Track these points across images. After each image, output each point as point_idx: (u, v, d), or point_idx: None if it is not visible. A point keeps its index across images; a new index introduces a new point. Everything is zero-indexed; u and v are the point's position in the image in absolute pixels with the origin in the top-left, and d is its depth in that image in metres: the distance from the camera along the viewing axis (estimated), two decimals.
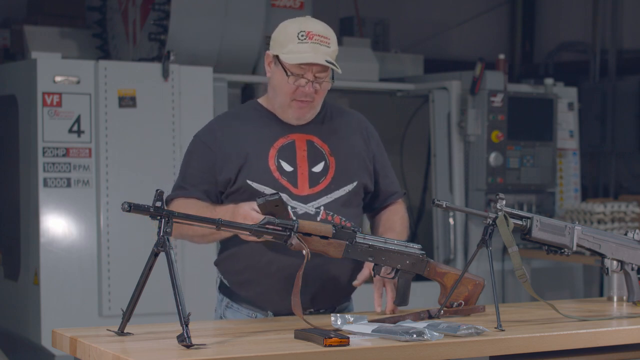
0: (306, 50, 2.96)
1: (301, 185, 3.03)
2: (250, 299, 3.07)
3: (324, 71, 3.00)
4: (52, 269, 5.21)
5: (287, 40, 2.99)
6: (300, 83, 2.99)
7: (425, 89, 6.58)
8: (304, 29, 2.98)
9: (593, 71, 9.32)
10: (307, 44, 2.96)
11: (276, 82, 3.05)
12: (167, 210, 2.52)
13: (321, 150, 3.10)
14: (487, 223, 2.88)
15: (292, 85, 3.00)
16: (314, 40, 2.97)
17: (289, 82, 3.00)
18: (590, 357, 2.84)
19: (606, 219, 6.30)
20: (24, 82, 5.39)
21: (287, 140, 3.08)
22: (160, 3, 5.77)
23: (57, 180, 5.23)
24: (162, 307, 4.34)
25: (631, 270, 3.25)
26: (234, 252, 3.07)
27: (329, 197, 3.05)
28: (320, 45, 2.97)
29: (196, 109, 5.52)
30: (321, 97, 3.07)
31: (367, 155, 3.19)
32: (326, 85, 3.04)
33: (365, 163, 3.18)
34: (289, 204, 2.98)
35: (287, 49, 2.98)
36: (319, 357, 2.40)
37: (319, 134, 3.13)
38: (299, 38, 2.97)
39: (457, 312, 2.99)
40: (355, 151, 3.17)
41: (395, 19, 8.51)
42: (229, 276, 3.12)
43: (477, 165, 6.39)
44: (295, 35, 2.98)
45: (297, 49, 2.97)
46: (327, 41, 2.99)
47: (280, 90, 3.04)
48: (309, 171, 3.06)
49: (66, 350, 2.62)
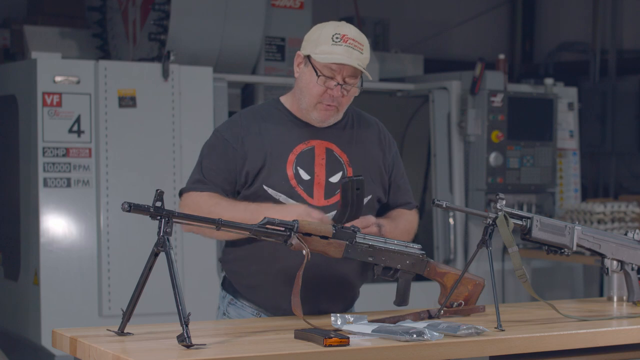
0: (340, 52, 2.94)
1: (317, 196, 3.02)
2: (258, 302, 3.07)
3: (354, 76, 2.98)
4: (52, 269, 5.21)
5: (321, 41, 2.97)
6: (330, 85, 2.97)
7: (425, 89, 6.58)
8: (339, 32, 2.97)
9: (593, 71, 9.32)
10: (341, 47, 2.95)
11: (304, 82, 3.02)
12: (167, 210, 2.52)
13: (340, 160, 3.08)
14: (487, 223, 2.88)
15: (321, 87, 2.98)
16: (349, 44, 2.96)
17: (318, 83, 2.97)
18: (590, 357, 2.84)
19: (606, 219, 6.30)
20: (24, 82, 5.39)
21: (307, 147, 3.05)
22: (160, 3, 5.77)
23: (57, 180, 5.23)
24: (162, 307, 4.34)
25: (631, 270, 3.25)
26: (245, 256, 3.05)
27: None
28: (354, 49, 2.96)
29: (196, 109, 5.52)
30: (347, 103, 3.05)
31: (384, 167, 3.18)
32: (354, 92, 3.02)
33: (382, 175, 3.17)
34: None
35: (320, 49, 2.96)
36: (319, 357, 2.40)
37: (339, 142, 3.10)
38: (334, 40, 2.96)
39: (457, 312, 2.99)
40: (373, 162, 3.15)
41: (395, 19, 8.51)
42: (238, 278, 3.11)
43: (477, 165, 6.38)
44: (330, 37, 2.96)
45: (330, 50, 2.95)
46: (360, 47, 2.98)
47: (307, 91, 3.01)
48: (325, 181, 3.04)
49: (66, 351, 2.62)
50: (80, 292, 5.24)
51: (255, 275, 3.04)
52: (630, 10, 9.38)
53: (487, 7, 9.79)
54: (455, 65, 7.50)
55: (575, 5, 9.79)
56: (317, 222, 2.81)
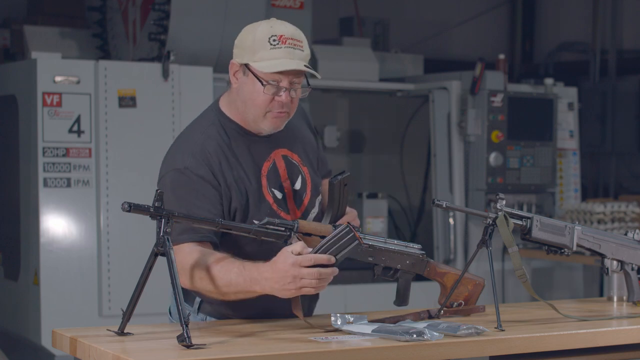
0: (281, 56, 2.76)
1: (291, 209, 2.95)
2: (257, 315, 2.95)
3: (298, 77, 2.81)
4: (52, 269, 5.21)
5: (258, 47, 2.78)
6: (277, 92, 2.79)
7: (425, 89, 6.58)
8: (275, 33, 2.77)
9: (593, 71, 9.32)
10: (281, 49, 2.76)
11: (247, 93, 2.82)
12: (167, 210, 2.52)
13: (295, 163, 3.00)
14: (487, 223, 2.88)
15: (268, 96, 2.79)
16: (288, 45, 2.77)
17: (265, 92, 2.79)
18: (590, 357, 2.84)
19: (606, 219, 6.29)
20: (24, 82, 5.39)
21: (270, 164, 2.93)
22: (160, 3, 5.77)
23: (57, 180, 5.23)
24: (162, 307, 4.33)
25: (631, 270, 3.25)
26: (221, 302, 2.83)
27: (314, 212, 3.01)
28: (295, 49, 2.77)
29: (196, 109, 5.45)
30: (296, 105, 2.89)
31: (315, 144, 3.12)
32: (300, 92, 2.86)
33: (317, 153, 3.11)
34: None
35: (259, 56, 2.77)
36: (319, 357, 2.40)
37: (287, 144, 2.99)
38: (271, 43, 2.76)
39: (457, 312, 2.99)
40: (313, 150, 3.08)
41: (395, 19, 8.50)
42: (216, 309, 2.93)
43: (477, 165, 6.38)
44: (266, 40, 2.76)
45: (270, 55, 2.76)
46: (300, 44, 2.79)
47: (252, 102, 2.82)
48: (292, 190, 2.96)
49: (66, 351, 2.62)
50: (80, 292, 5.24)
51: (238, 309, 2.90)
52: (630, 10, 9.38)
53: (487, 7, 9.79)
54: (455, 65, 7.50)
55: (575, 5, 9.79)
56: (317, 223, 2.81)
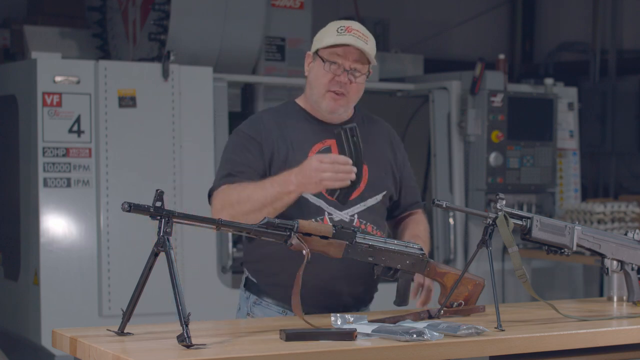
0: (344, 39, 3.03)
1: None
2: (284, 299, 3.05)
3: (361, 63, 3.05)
4: (52, 269, 5.21)
5: (327, 35, 3.07)
6: (336, 71, 3.04)
7: (425, 89, 6.58)
8: (344, 25, 3.07)
9: (593, 71, 9.32)
10: (346, 36, 3.03)
11: (314, 76, 3.09)
12: (167, 210, 2.52)
13: None
14: (487, 223, 2.88)
15: (328, 74, 3.04)
16: (353, 34, 3.04)
17: (325, 70, 3.04)
18: (590, 357, 2.84)
19: (606, 219, 6.29)
20: (24, 82, 5.39)
21: (324, 146, 3.10)
22: (160, 3, 5.77)
23: (57, 180, 5.23)
24: (162, 307, 4.34)
25: (631, 270, 3.25)
26: (269, 254, 3.06)
27: (362, 205, 3.09)
28: (358, 39, 3.04)
29: (196, 109, 5.52)
30: (355, 93, 3.10)
31: (394, 165, 3.25)
32: (361, 80, 3.08)
33: (393, 172, 3.24)
34: (326, 210, 3.02)
35: (326, 41, 3.06)
36: (318, 357, 2.40)
37: None
38: (338, 32, 3.05)
39: (457, 312, 2.99)
40: (385, 160, 3.22)
41: (395, 19, 8.51)
42: (262, 277, 3.13)
43: (477, 165, 6.38)
44: (335, 29, 3.06)
45: (335, 39, 3.04)
46: (365, 38, 3.06)
47: (316, 82, 3.08)
48: None
49: (66, 351, 2.62)
50: (80, 292, 5.24)
51: (280, 273, 3.05)
52: (630, 10, 9.37)
53: (487, 7, 9.79)
54: (455, 65, 7.50)
55: (575, 5, 9.79)
56: (317, 222, 2.82)
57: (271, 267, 3.08)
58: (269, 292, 3.11)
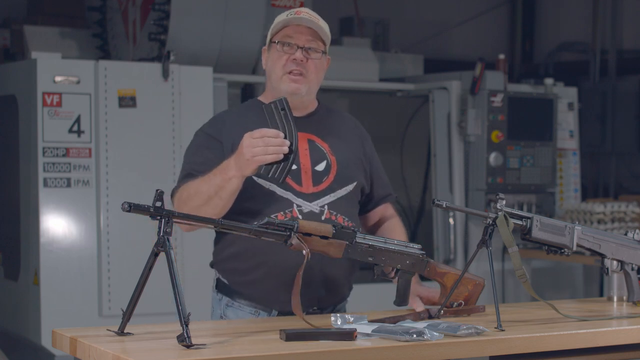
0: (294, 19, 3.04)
1: (305, 183, 3.04)
2: (256, 298, 3.06)
3: (314, 40, 3.05)
4: (52, 269, 5.21)
5: (278, 22, 3.07)
6: (290, 51, 3.03)
7: (425, 89, 6.58)
8: (294, 10, 3.08)
9: (593, 71, 9.32)
10: (295, 17, 3.04)
11: (270, 63, 3.09)
12: (167, 210, 2.52)
13: (322, 149, 3.11)
14: (487, 223, 2.88)
15: (283, 56, 3.03)
16: (302, 15, 3.05)
17: (278, 50, 3.04)
18: (590, 357, 2.84)
19: (606, 219, 6.29)
20: (24, 82, 5.39)
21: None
22: (160, 3, 5.77)
23: (57, 180, 5.23)
24: (162, 307, 4.34)
25: (631, 270, 3.25)
26: (239, 252, 3.05)
27: (332, 196, 3.06)
28: (310, 18, 3.04)
29: (196, 109, 5.52)
30: (314, 72, 3.08)
31: (363, 157, 3.21)
32: (317, 57, 3.07)
33: (362, 164, 3.20)
34: (294, 202, 2.99)
35: (276, 25, 3.06)
36: (318, 357, 2.40)
37: (317, 132, 3.13)
38: (287, 16, 3.06)
39: (457, 312, 2.99)
40: (353, 151, 3.19)
41: (395, 19, 8.51)
42: (233, 276, 3.10)
43: (477, 165, 6.39)
44: (285, 16, 3.07)
45: (285, 20, 3.05)
46: (316, 19, 3.06)
47: (273, 67, 3.07)
48: (312, 169, 3.06)
49: (66, 351, 2.62)
50: (80, 292, 5.24)
51: (252, 271, 3.04)
52: (630, 10, 9.37)
53: (487, 7, 9.79)
54: (455, 65, 7.50)
55: (575, 5, 9.79)
56: (317, 222, 2.82)
57: (241, 266, 3.05)
58: (241, 292, 3.08)
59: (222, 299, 3.13)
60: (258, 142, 2.78)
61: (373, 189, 3.25)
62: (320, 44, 3.07)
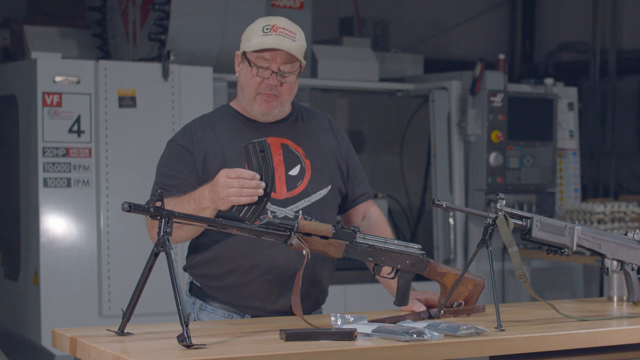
0: (270, 41, 2.97)
1: (279, 189, 3.02)
2: (229, 302, 3.06)
3: (290, 63, 2.99)
4: (52, 269, 5.21)
5: (253, 35, 3.00)
6: (264, 75, 2.98)
7: (425, 89, 6.58)
8: (269, 23, 3.01)
9: (593, 71, 9.32)
10: (272, 36, 2.97)
11: (243, 78, 3.04)
12: (167, 210, 2.52)
13: (296, 153, 3.09)
14: (487, 223, 2.88)
15: (257, 78, 2.99)
16: (279, 33, 2.98)
17: (252, 74, 2.99)
18: (590, 357, 2.84)
19: (606, 219, 6.29)
20: (24, 82, 5.39)
21: None
22: (160, 3, 5.77)
23: (57, 180, 5.23)
24: (162, 307, 4.34)
25: (631, 270, 3.25)
26: (212, 257, 3.05)
27: (307, 201, 3.05)
28: (285, 37, 2.98)
29: (196, 109, 5.51)
30: (288, 93, 3.05)
31: (339, 156, 3.19)
32: (292, 80, 3.03)
33: (339, 164, 3.18)
34: (268, 209, 2.97)
35: (252, 42, 2.99)
36: (318, 357, 2.40)
37: (292, 136, 3.11)
38: (264, 31, 2.99)
39: (457, 312, 2.99)
40: (329, 153, 3.16)
41: (395, 19, 8.51)
42: (207, 281, 3.09)
43: (477, 165, 6.39)
44: (260, 29, 3.00)
45: (261, 40, 2.98)
46: (292, 35, 3.00)
47: (246, 85, 3.03)
48: (285, 175, 3.04)
49: (66, 351, 2.62)
50: (80, 292, 5.24)
51: (226, 276, 3.03)
52: (630, 10, 9.37)
53: (487, 7, 9.79)
54: (455, 65, 7.50)
55: (575, 5, 9.78)
56: (317, 222, 2.82)
57: (215, 271, 3.05)
58: (215, 295, 3.07)
59: (195, 302, 3.12)
60: (234, 182, 2.74)
61: (350, 187, 3.22)
62: (296, 63, 3.01)
